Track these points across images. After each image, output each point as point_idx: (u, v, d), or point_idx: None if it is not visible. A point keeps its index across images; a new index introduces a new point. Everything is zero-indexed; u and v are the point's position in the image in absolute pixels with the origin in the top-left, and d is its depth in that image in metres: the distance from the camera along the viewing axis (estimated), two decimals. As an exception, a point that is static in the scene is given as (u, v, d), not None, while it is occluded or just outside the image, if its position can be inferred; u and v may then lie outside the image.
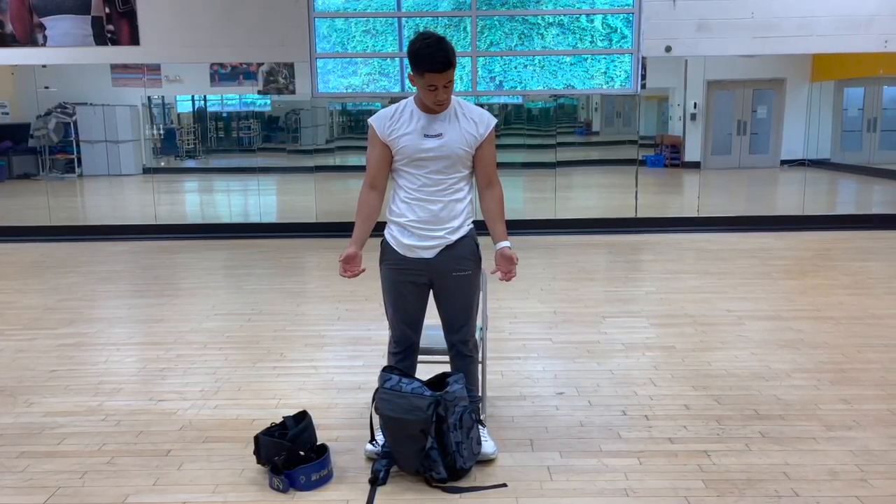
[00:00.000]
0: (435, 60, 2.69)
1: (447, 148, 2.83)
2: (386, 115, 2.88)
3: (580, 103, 18.57)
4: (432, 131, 2.83)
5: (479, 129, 2.87)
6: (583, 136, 19.41)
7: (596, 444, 3.13)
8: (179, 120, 19.10)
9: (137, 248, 8.08)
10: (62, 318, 5.21)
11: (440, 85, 2.72)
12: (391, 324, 3.06)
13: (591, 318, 5.03)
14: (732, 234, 8.23)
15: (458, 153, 2.85)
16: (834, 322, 4.84)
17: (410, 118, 2.85)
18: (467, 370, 3.05)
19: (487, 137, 2.89)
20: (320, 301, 5.68)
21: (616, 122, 19.61)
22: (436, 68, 2.69)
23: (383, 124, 2.86)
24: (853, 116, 15.74)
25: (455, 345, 3.04)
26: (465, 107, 2.90)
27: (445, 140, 2.83)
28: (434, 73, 2.69)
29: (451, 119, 2.85)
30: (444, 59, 2.69)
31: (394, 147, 2.87)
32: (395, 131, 2.85)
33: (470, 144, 2.86)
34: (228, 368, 4.15)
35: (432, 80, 2.71)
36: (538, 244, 7.82)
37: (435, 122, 2.84)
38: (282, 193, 12.71)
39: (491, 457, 2.96)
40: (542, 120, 19.46)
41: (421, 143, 2.83)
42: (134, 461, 3.05)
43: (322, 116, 18.32)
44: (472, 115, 2.87)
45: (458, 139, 2.84)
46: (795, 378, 3.85)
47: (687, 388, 3.74)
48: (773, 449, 3.06)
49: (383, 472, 2.82)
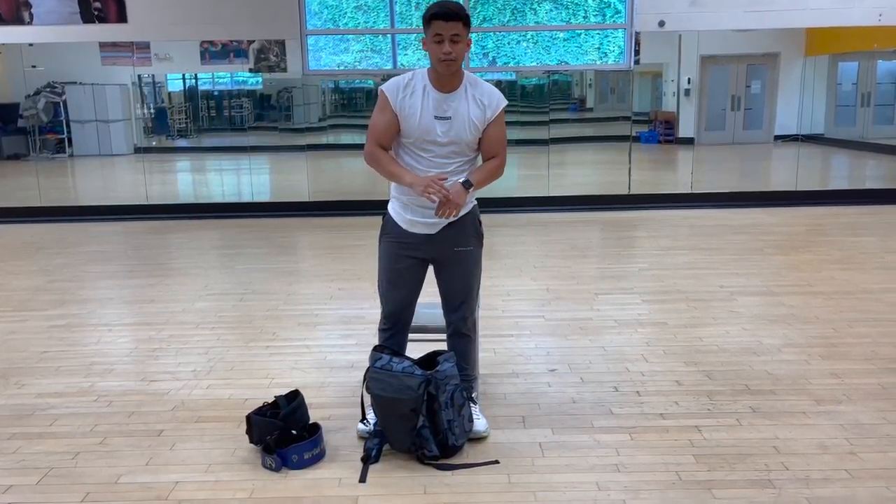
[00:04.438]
0: (442, 6, 2.70)
1: (454, 132, 2.81)
2: (399, 85, 2.82)
3: (574, 79, 18.45)
4: (442, 112, 2.80)
5: (486, 113, 2.83)
6: (576, 112, 19.32)
7: (588, 420, 3.15)
8: (170, 99, 18.94)
9: (128, 228, 8.04)
10: (53, 300, 5.19)
11: (446, 35, 2.68)
12: (384, 299, 3.05)
13: (584, 296, 5.03)
14: (725, 210, 8.23)
15: (465, 138, 2.83)
16: (825, 297, 4.85)
17: (423, 94, 2.80)
18: (465, 349, 3.05)
19: (496, 119, 2.86)
20: (313, 280, 5.67)
21: (610, 98, 19.51)
22: (441, 13, 2.68)
23: (396, 93, 2.81)
24: (847, 91, 15.69)
25: (454, 323, 3.02)
26: (477, 86, 2.85)
27: (453, 123, 2.80)
28: (439, 21, 2.68)
29: (460, 100, 2.81)
30: (450, 9, 2.69)
31: (403, 120, 2.82)
32: (406, 104, 2.81)
33: (477, 129, 2.84)
34: (221, 348, 4.15)
35: (438, 27, 2.69)
36: (531, 221, 7.81)
37: (445, 101, 2.80)
38: (274, 172, 12.66)
39: (483, 434, 2.97)
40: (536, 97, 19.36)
41: (430, 125, 2.80)
42: (126, 441, 3.05)
43: (314, 94, 18.19)
44: (482, 98, 2.83)
45: (466, 122, 2.81)
46: (786, 353, 3.87)
47: (678, 363, 3.75)
48: (764, 423, 3.07)
49: (375, 450, 2.83)
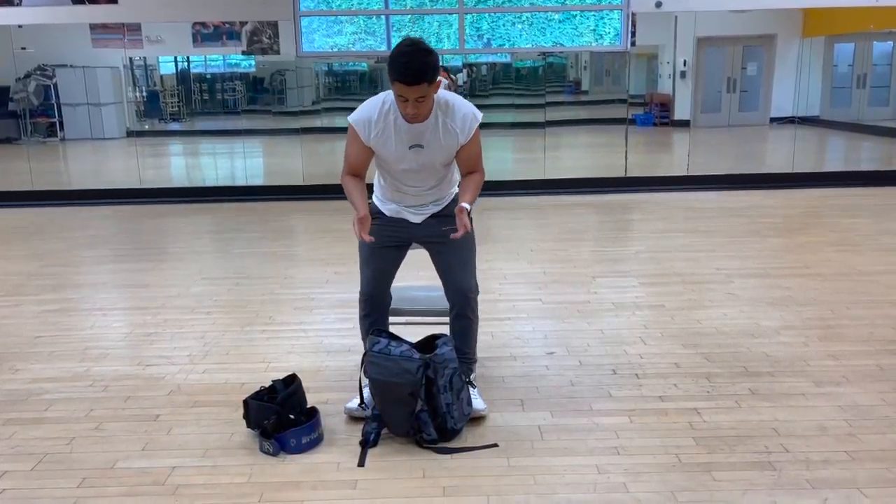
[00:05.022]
0: (405, 71, 2.55)
1: (428, 161, 2.84)
2: (369, 120, 2.78)
3: (569, 62, 18.35)
4: (415, 141, 2.79)
5: (459, 138, 2.80)
6: (572, 95, 19.24)
7: (586, 403, 3.13)
8: (162, 82, 18.77)
9: (122, 212, 7.98)
10: (46, 284, 5.15)
11: (410, 98, 2.60)
12: (364, 280, 3.04)
13: (581, 278, 5.01)
14: (722, 192, 8.20)
15: (439, 163, 2.87)
16: (822, 279, 4.84)
17: (395, 127, 2.76)
18: (467, 332, 3.02)
19: (471, 139, 2.83)
20: (308, 264, 5.64)
21: (605, 80, 19.42)
22: (404, 80, 2.56)
23: (367, 130, 2.79)
24: (843, 73, 15.65)
25: (456, 305, 2.98)
26: (448, 112, 2.77)
27: (426, 153, 2.81)
28: (402, 85, 2.57)
29: (432, 128, 2.77)
30: (414, 73, 2.54)
31: (375, 150, 2.84)
32: (379, 140, 2.80)
33: (451, 153, 2.86)
34: (216, 332, 4.12)
35: (401, 90, 2.59)
36: (526, 205, 7.77)
37: (417, 131, 2.77)
38: (268, 156, 12.58)
39: (482, 413, 2.95)
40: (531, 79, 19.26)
41: (403, 154, 2.81)
42: (122, 427, 3.02)
43: (308, 77, 18.05)
44: (454, 124, 2.78)
45: (438, 152, 2.82)
46: (784, 335, 3.86)
47: (677, 346, 3.74)
48: (763, 406, 3.07)
49: (374, 434, 2.81)
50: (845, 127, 14.53)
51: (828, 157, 11.91)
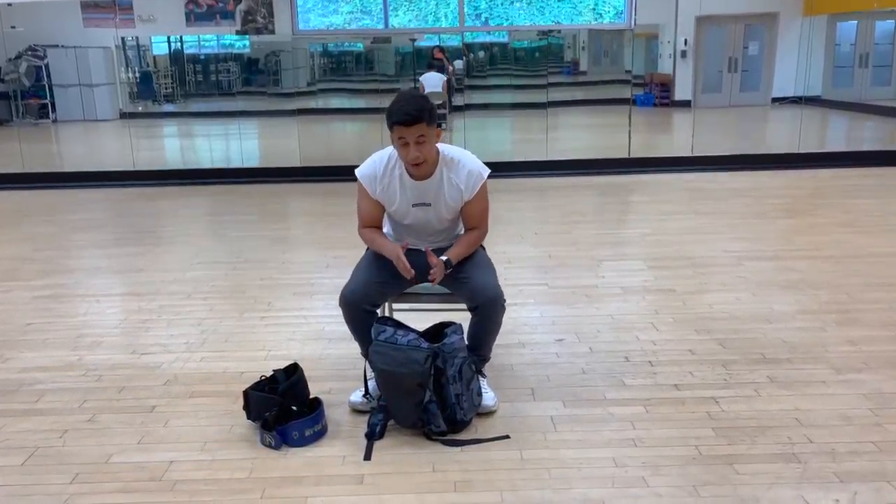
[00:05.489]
0: (401, 112, 2.61)
1: (434, 217, 2.86)
2: (375, 175, 2.81)
3: (566, 42, 18.13)
4: (420, 199, 2.81)
5: (463, 195, 2.82)
6: (570, 76, 19.02)
7: (600, 392, 3.02)
8: (155, 63, 18.51)
9: (115, 195, 7.83)
10: (38, 269, 5.01)
11: (410, 140, 2.63)
12: (348, 282, 2.82)
13: (587, 262, 4.89)
14: (726, 173, 8.07)
15: (445, 217, 2.88)
16: (834, 261, 4.73)
17: (400, 184, 2.79)
18: (488, 336, 2.85)
19: (475, 195, 2.82)
20: (307, 248, 5.51)
21: (603, 61, 19.21)
22: (402, 120, 2.60)
23: (373, 185, 2.82)
24: (845, 52, 15.47)
25: (482, 306, 2.74)
26: (453, 167, 2.79)
27: (432, 208, 2.83)
28: (400, 126, 2.61)
29: (438, 185, 2.79)
30: (412, 112, 2.60)
31: (384, 204, 2.86)
32: (385, 195, 2.83)
33: (456, 210, 2.87)
34: (214, 319, 3.99)
35: (400, 132, 2.63)
36: (528, 187, 7.64)
37: (423, 188, 2.79)
38: (264, 137, 12.39)
39: (491, 409, 2.84)
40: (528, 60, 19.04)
41: (408, 211, 2.84)
42: (117, 418, 2.90)
43: (302, 58, 17.81)
44: (459, 180, 2.79)
45: (444, 207, 2.83)
46: (799, 320, 3.75)
47: (690, 332, 3.63)
48: (783, 394, 2.95)
49: (380, 426, 2.69)
50: (847, 107, 14.37)
51: (831, 138, 11.77)
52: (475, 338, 2.85)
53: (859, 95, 14.81)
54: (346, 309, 2.82)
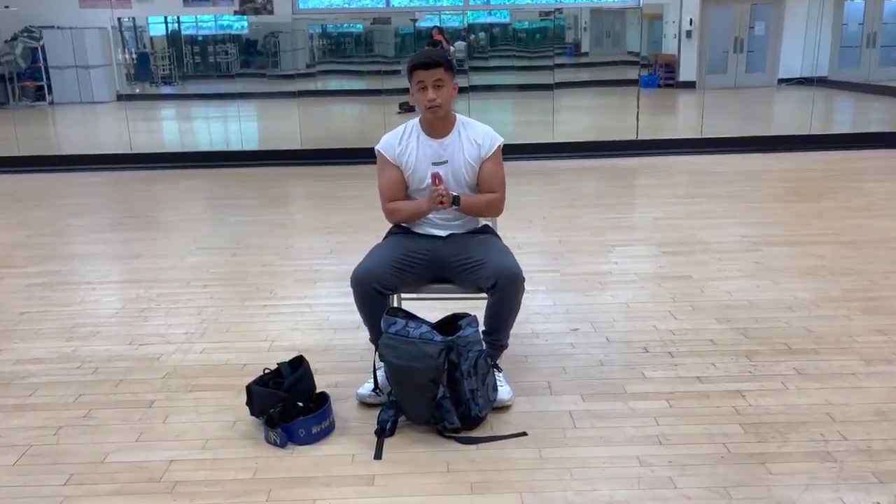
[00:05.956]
0: (421, 56, 2.79)
1: (452, 175, 2.83)
2: (393, 142, 2.87)
3: (567, 23, 17.87)
4: (438, 157, 2.83)
5: (481, 151, 2.84)
6: (571, 57, 18.77)
7: (619, 385, 2.88)
8: (152, 44, 18.25)
9: (113, 178, 7.66)
10: (32, 256, 4.86)
11: (429, 82, 2.71)
12: (369, 261, 2.75)
13: (599, 247, 4.74)
14: (737, 155, 7.90)
15: (464, 178, 2.84)
16: (855, 246, 4.58)
17: (417, 143, 2.85)
18: (506, 317, 2.72)
19: (491, 156, 2.85)
20: (309, 233, 5.35)
21: (605, 41, 18.94)
22: (421, 63, 2.72)
23: (392, 149, 2.87)
24: (853, 31, 15.23)
25: (500, 283, 2.60)
26: (469, 127, 2.89)
27: (451, 167, 2.83)
28: (420, 69, 2.71)
29: (455, 142, 2.84)
30: (431, 56, 2.81)
31: (405, 170, 2.86)
32: (403, 157, 2.85)
33: (474, 168, 2.85)
34: (215, 308, 3.85)
35: (419, 76, 2.72)
36: (535, 170, 7.47)
37: (440, 146, 2.83)
38: (263, 120, 12.20)
39: (507, 403, 2.70)
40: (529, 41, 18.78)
41: (428, 171, 2.80)
42: (114, 414, 2.77)
43: (301, 39, 17.56)
44: (476, 137, 2.85)
45: (463, 164, 2.83)
46: (823, 308, 3.61)
47: (710, 320, 3.48)
48: (812, 387, 2.82)
49: (390, 422, 2.55)
50: (854, 87, 14.16)
51: (839, 119, 11.58)
52: (493, 319, 2.72)
53: (867, 76, 14.60)
54: (357, 287, 2.70)
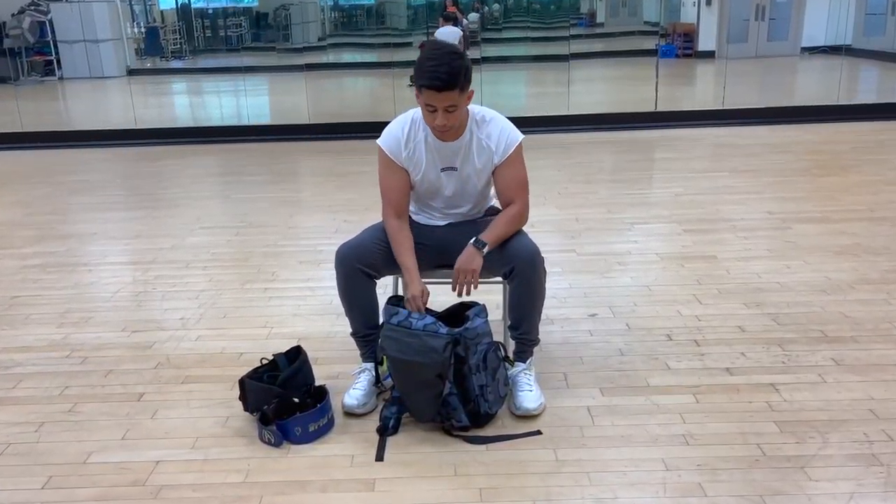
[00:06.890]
0: (433, 76, 2.24)
1: (461, 185, 2.52)
2: (399, 142, 2.47)
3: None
4: (448, 163, 2.48)
5: (493, 158, 2.46)
6: (586, 27, 18.36)
7: (641, 377, 2.67)
8: (162, 17, 18.01)
9: (119, 155, 7.49)
10: (29, 235, 4.70)
11: (439, 107, 2.28)
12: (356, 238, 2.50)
13: (617, 225, 4.51)
14: (759, 127, 7.60)
15: (474, 188, 2.54)
16: (891, 223, 4.32)
17: (426, 146, 2.46)
18: (531, 305, 2.44)
19: (507, 161, 2.46)
20: (315, 211, 5.15)
21: (621, 11, 18.48)
22: (433, 85, 2.25)
23: (398, 151, 2.48)
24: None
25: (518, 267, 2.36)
26: (483, 126, 2.46)
27: (460, 174, 2.50)
28: (431, 91, 2.26)
29: (465, 147, 2.46)
30: (444, 77, 2.24)
31: (412, 174, 2.50)
32: (411, 161, 2.49)
33: (486, 177, 2.52)
34: (213, 291, 3.67)
35: (429, 98, 2.28)
36: (550, 143, 7.21)
37: (450, 150, 2.46)
38: (272, 94, 11.97)
39: (532, 413, 2.40)
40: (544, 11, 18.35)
41: (436, 179, 2.51)
42: (100, 408, 2.59)
43: (312, 12, 17.25)
44: (489, 141, 2.45)
45: (472, 172, 2.49)
46: (861, 291, 3.36)
47: (738, 305, 3.26)
48: (852, 380, 2.59)
49: (393, 420, 2.36)
50: (879, 56, 13.68)
51: (866, 89, 11.16)
52: (516, 310, 2.46)
53: (892, 44, 14.09)
54: (340, 266, 2.44)
